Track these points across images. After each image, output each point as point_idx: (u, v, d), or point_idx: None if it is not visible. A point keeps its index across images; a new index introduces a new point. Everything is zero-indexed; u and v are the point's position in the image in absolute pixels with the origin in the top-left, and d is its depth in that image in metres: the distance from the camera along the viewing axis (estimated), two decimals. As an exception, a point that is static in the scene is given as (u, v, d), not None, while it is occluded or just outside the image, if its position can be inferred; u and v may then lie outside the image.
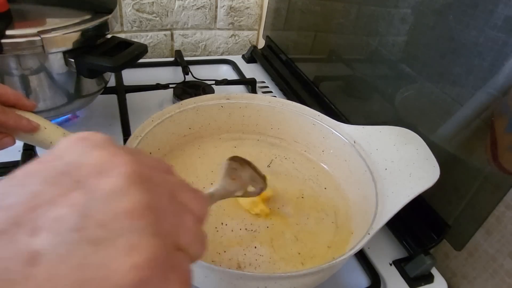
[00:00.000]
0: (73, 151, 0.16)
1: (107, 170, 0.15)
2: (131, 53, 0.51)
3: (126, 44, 0.53)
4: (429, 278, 0.46)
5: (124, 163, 0.16)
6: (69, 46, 0.48)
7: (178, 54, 0.82)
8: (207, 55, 0.93)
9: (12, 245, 0.13)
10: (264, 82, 0.81)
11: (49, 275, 0.13)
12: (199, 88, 0.71)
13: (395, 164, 0.43)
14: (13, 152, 0.50)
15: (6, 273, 0.13)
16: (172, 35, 0.87)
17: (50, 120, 0.38)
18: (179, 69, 0.76)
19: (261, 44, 0.93)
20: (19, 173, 0.15)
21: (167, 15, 0.84)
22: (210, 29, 0.90)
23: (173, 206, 0.17)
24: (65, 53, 0.49)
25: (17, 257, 0.13)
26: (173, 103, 0.69)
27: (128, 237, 0.14)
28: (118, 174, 0.15)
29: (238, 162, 0.35)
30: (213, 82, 0.73)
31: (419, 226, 0.47)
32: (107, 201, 0.14)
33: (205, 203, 0.20)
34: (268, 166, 0.51)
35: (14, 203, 0.14)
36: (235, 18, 0.90)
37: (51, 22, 0.48)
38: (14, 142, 0.36)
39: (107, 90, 0.62)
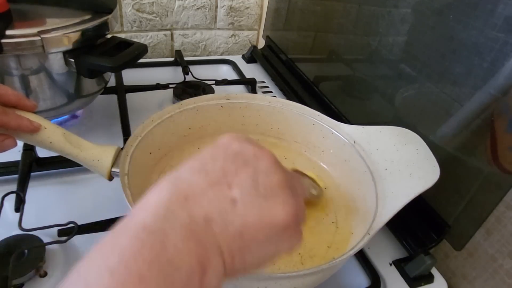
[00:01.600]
0: (234, 143, 0.24)
1: (260, 155, 0.24)
2: (131, 53, 0.51)
3: (126, 44, 0.53)
4: (429, 278, 0.46)
5: (268, 152, 0.24)
6: (69, 46, 0.48)
7: (178, 54, 0.82)
8: (207, 55, 0.93)
9: (221, 193, 0.22)
10: (264, 82, 0.81)
11: (243, 211, 0.21)
12: (199, 88, 0.70)
13: (395, 164, 0.43)
14: (13, 152, 0.50)
15: (221, 208, 0.21)
16: (172, 35, 0.87)
17: (50, 120, 0.38)
18: (179, 69, 0.76)
19: (261, 44, 0.93)
20: (205, 154, 0.24)
21: (167, 15, 0.84)
22: (210, 29, 0.90)
23: (298, 185, 0.26)
24: (65, 53, 0.49)
25: (225, 199, 0.22)
26: (173, 103, 0.69)
27: (282, 197, 0.23)
28: (268, 158, 0.24)
29: (299, 173, 0.42)
30: (213, 82, 0.73)
31: (419, 226, 0.47)
32: (266, 174, 0.23)
33: (303, 185, 0.30)
34: (268, 166, 0.51)
35: (212, 170, 0.22)
36: (235, 18, 0.90)
37: (51, 22, 0.48)
38: (16, 144, 0.36)
39: (107, 90, 0.62)
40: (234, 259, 0.21)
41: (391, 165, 0.43)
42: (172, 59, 0.83)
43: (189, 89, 0.70)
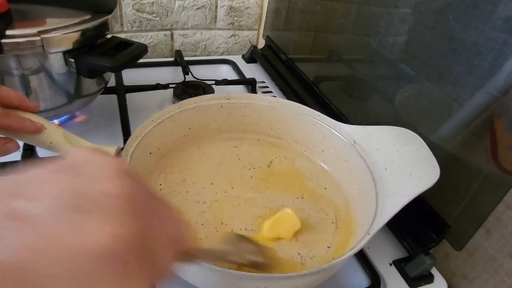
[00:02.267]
0: (86, 154, 0.19)
1: (103, 163, 0.18)
2: (131, 53, 0.51)
3: (126, 44, 0.53)
4: (429, 278, 0.46)
5: (116, 162, 0.18)
6: (69, 46, 0.48)
7: (178, 54, 0.82)
8: (207, 55, 0.93)
9: (5, 208, 0.15)
10: (264, 82, 0.81)
11: (38, 231, 0.15)
12: (199, 88, 0.70)
13: (395, 164, 0.43)
14: (13, 152, 0.50)
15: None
16: (172, 35, 0.87)
17: (50, 120, 0.38)
18: (179, 69, 0.76)
19: (261, 44, 0.93)
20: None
21: (167, 15, 0.84)
22: (210, 29, 0.90)
23: (155, 214, 0.18)
24: (65, 53, 0.49)
25: (10, 216, 0.15)
26: (173, 103, 0.69)
27: (110, 211, 0.16)
28: (111, 166, 0.18)
29: (241, 237, 0.34)
30: (213, 82, 0.73)
31: (419, 226, 0.47)
32: (93, 182, 0.16)
33: (182, 228, 0.21)
34: (268, 166, 0.51)
35: (12, 178, 0.16)
36: (235, 18, 0.90)
37: (51, 22, 0.48)
38: (18, 147, 0.36)
39: (107, 90, 0.62)
40: None
41: (391, 165, 0.43)
42: (172, 59, 0.83)
43: (189, 89, 0.70)
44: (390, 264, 0.46)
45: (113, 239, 0.15)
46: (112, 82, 0.66)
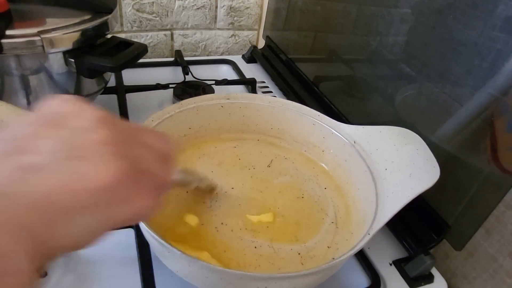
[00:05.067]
0: (54, 105, 0.21)
1: (81, 114, 0.21)
2: (131, 53, 0.51)
3: (126, 44, 0.53)
4: (429, 278, 0.46)
5: (94, 111, 0.21)
6: (69, 46, 0.48)
7: (178, 54, 0.82)
8: (207, 55, 0.93)
9: (16, 162, 0.18)
10: (264, 82, 0.81)
11: (46, 179, 0.18)
12: (199, 88, 0.71)
13: (395, 164, 0.43)
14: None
15: (13, 178, 0.18)
16: (172, 35, 0.87)
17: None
18: (179, 69, 0.76)
19: (261, 44, 0.93)
20: (20, 120, 0.21)
21: (167, 15, 0.84)
22: (210, 29, 0.90)
23: (134, 143, 0.22)
24: (65, 53, 0.49)
25: (18, 166, 0.18)
26: (173, 103, 0.68)
27: (102, 155, 0.20)
28: (89, 116, 0.21)
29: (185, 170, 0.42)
30: (213, 82, 0.73)
31: (419, 226, 0.47)
32: (83, 133, 0.20)
33: (169, 143, 0.25)
34: (268, 166, 0.51)
35: (9, 137, 0.19)
36: (235, 18, 0.90)
37: (51, 22, 0.48)
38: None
39: (107, 90, 0.62)
40: (40, 236, 0.18)
41: (391, 165, 0.43)
42: (172, 59, 0.83)
43: (189, 89, 0.70)
44: (390, 264, 0.46)
45: (106, 175, 0.19)
46: (112, 82, 0.66)
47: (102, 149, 0.20)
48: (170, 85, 0.69)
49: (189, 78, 0.73)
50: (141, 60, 0.54)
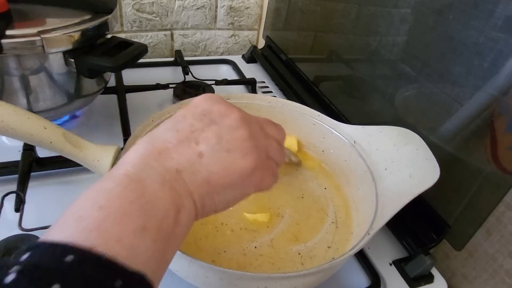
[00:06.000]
0: (203, 103, 0.28)
1: (226, 114, 0.28)
2: (131, 53, 0.51)
3: (126, 44, 0.53)
4: (429, 278, 0.46)
5: (236, 111, 0.28)
6: (69, 46, 0.48)
7: (178, 54, 0.82)
8: (207, 55, 0.93)
9: (189, 148, 0.26)
10: (264, 82, 0.81)
11: (209, 163, 0.25)
12: (199, 88, 0.71)
13: (395, 164, 0.43)
14: (13, 152, 0.50)
15: (189, 160, 0.25)
16: (172, 35, 0.87)
17: (50, 120, 0.38)
18: (179, 69, 0.76)
19: (261, 44, 0.93)
20: (178, 115, 0.28)
21: (167, 15, 0.84)
22: (210, 29, 0.90)
23: (263, 135, 0.30)
24: (65, 53, 0.49)
25: (193, 153, 0.25)
26: (173, 103, 0.69)
27: (243, 149, 0.27)
28: (233, 116, 0.27)
29: None
30: (213, 82, 0.73)
31: (419, 226, 0.47)
32: (229, 130, 0.27)
33: (283, 132, 0.33)
34: (268, 166, 0.51)
35: (182, 128, 0.26)
36: (235, 18, 0.90)
37: (51, 22, 0.48)
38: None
39: (107, 90, 0.62)
40: (204, 201, 0.25)
41: (391, 165, 0.43)
42: (172, 59, 0.83)
43: (189, 89, 0.70)
44: (390, 264, 0.46)
45: (246, 164, 0.27)
46: (112, 82, 0.66)
47: (244, 144, 0.27)
48: (170, 85, 0.69)
49: (189, 78, 0.73)
50: (141, 60, 0.54)
